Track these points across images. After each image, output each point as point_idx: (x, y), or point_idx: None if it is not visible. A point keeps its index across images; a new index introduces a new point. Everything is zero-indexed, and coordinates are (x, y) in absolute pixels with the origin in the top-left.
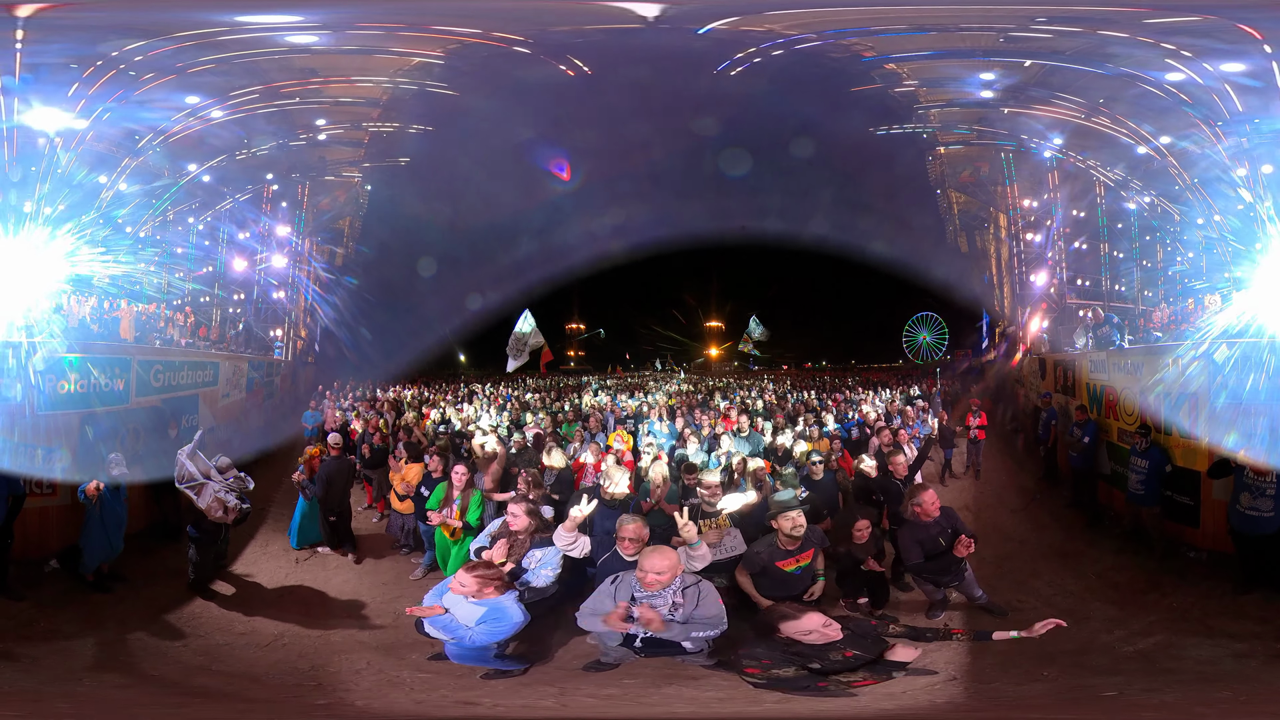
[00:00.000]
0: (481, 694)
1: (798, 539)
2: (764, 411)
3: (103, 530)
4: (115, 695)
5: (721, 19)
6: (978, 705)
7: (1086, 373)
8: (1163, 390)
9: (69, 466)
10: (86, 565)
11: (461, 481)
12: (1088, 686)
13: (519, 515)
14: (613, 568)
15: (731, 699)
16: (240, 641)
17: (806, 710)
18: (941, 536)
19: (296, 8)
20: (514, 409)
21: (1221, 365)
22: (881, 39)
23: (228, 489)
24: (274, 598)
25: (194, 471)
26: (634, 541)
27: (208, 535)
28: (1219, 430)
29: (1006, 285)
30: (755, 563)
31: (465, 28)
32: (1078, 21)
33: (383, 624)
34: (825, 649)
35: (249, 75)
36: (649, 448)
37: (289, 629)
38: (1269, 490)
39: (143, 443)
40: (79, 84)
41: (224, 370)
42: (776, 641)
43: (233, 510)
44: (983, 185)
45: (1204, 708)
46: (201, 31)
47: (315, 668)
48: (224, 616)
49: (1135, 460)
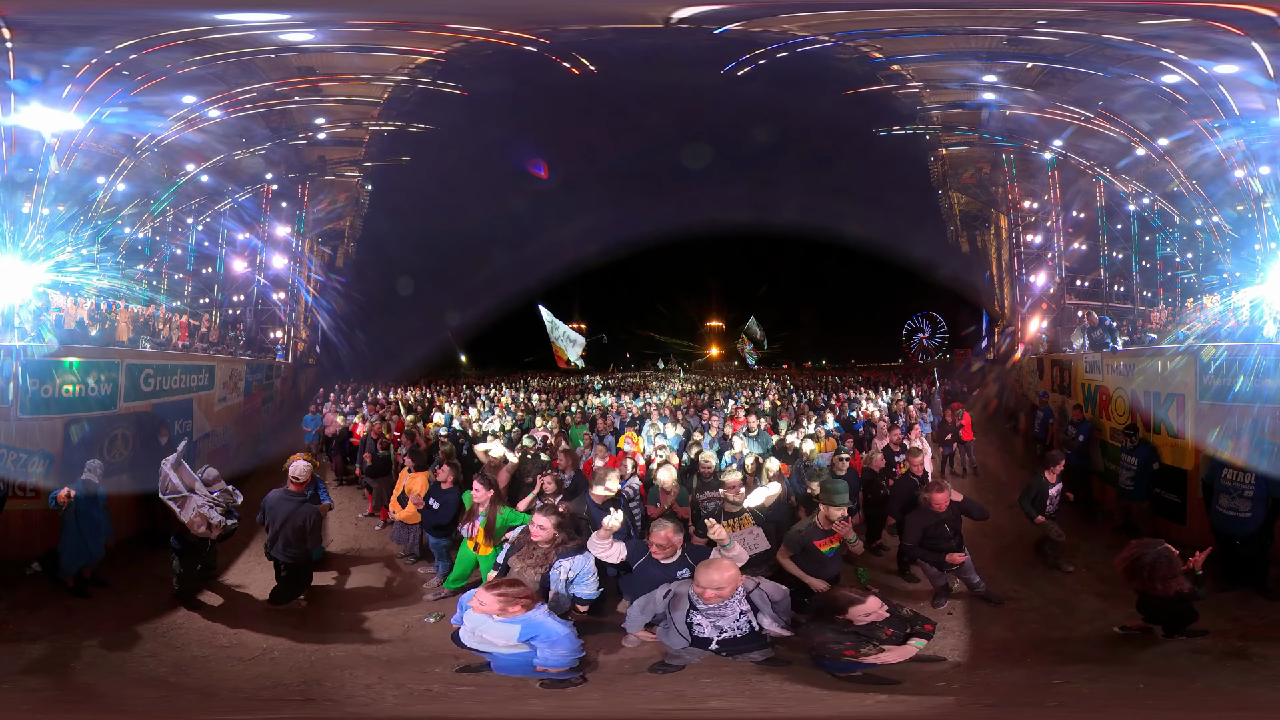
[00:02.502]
0: (529, 703)
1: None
2: (771, 412)
3: (79, 536)
4: (24, 700)
5: (731, 21)
6: (963, 688)
7: (1082, 373)
8: (1152, 390)
9: (50, 471)
10: (64, 570)
11: (484, 498)
12: (1056, 673)
13: (546, 527)
14: (647, 573)
15: (786, 695)
16: (221, 655)
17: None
18: (947, 524)
19: (295, 7)
20: (520, 411)
21: (1207, 366)
22: (889, 41)
23: (213, 503)
24: (265, 610)
25: (177, 483)
26: (663, 547)
27: (191, 548)
28: (1204, 429)
29: (1006, 285)
30: (796, 543)
31: (474, 25)
32: (1078, 24)
33: (389, 637)
34: (876, 628)
35: (247, 74)
36: (661, 450)
37: (279, 643)
38: (1247, 492)
39: (132, 449)
40: (74, 85)
41: (220, 373)
42: (843, 625)
43: (216, 527)
44: (984, 186)
45: (1123, 700)
46: (198, 29)
47: (308, 682)
48: (207, 628)
49: (1126, 458)
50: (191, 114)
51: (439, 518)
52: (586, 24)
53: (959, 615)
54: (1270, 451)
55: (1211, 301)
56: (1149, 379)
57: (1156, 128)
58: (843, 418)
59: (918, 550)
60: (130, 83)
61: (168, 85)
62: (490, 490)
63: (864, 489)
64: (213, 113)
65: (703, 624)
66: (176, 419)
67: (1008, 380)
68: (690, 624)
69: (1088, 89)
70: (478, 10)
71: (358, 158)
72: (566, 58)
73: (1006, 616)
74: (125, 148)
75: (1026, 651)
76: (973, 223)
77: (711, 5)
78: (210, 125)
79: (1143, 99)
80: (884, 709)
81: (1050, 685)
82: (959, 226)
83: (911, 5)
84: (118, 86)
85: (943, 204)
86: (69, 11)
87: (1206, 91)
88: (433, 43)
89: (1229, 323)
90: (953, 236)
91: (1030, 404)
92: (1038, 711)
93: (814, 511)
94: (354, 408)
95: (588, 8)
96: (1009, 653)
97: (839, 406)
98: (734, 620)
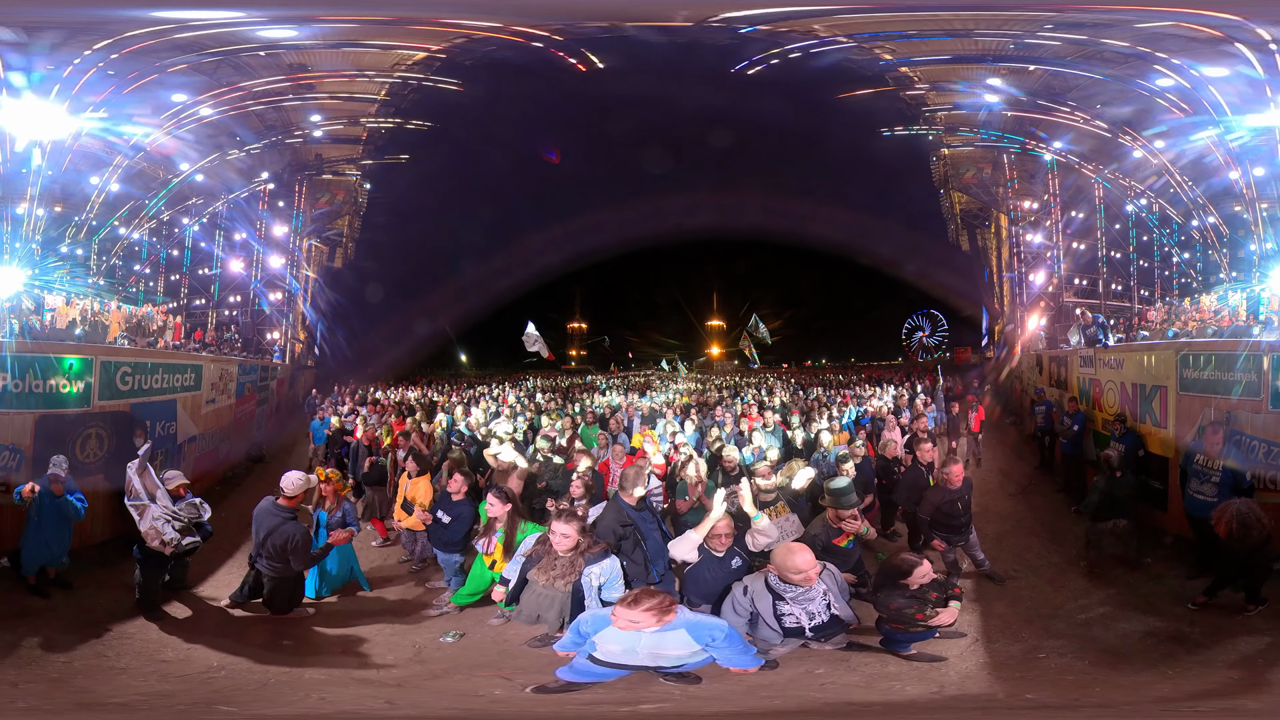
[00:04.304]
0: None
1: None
2: (782, 408)
3: (40, 534)
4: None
5: (743, 23)
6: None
7: (1077, 368)
8: (1138, 384)
9: (20, 467)
10: (25, 567)
11: (501, 513)
12: (1039, 648)
13: (570, 534)
14: (707, 569)
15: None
16: (162, 670)
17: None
18: (959, 501)
19: (294, 6)
20: (529, 412)
21: (1187, 360)
22: (900, 43)
23: (172, 517)
24: (235, 625)
25: (139, 488)
26: (728, 537)
27: (152, 558)
28: (1183, 421)
29: (1006, 284)
30: (816, 544)
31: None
32: (1080, 28)
33: (390, 662)
34: (926, 590)
35: (239, 73)
36: (683, 449)
37: (236, 661)
38: (1214, 478)
39: (107, 449)
40: (65, 85)
41: (208, 373)
42: (907, 590)
43: (169, 544)
44: (985, 186)
45: (1074, 675)
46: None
47: (244, 704)
48: (159, 640)
49: (1115, 445)
50: (199, 113)
51: (451, 534)
52: (609, 20)
53: (968, 592)
54: (1238, 440)
55: (1207, 300)
56: (1135, 373)
57: (1154, 130)
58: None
59: (927, 526)
60: (123, 82)
61: (165, 85)
62: (508, 504)
63: (879, 475)
64: (204, 111)
65: (794, 613)
66: (159, 420)
67: (1008, 376)
68: (779, 615)
69: (1087, 92)
70: (493, 5)
71: (355, 156)
72: (575, 54)
73: (1007, 594)
74: (118, 148)
75: (1024, 625)
76: (973, 222)
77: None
78: (209, 125)
79: (1141, 102)
80: (908, 689)
81: (1035, 660)
82: (959, 226)
83: (922, 10)
84: (110, 86)
85: (944, 203)
86: (63, 9)
87: (1202, 94)
88: (434, 39)
89: (1223, 320)
90: (953, 235)
91: (1030, 399)
92: (1025, 685)
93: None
94: (353, 409)
95: (612, 6)
96: (1010, 628)
97: (846, 403)
98: (820, 604)
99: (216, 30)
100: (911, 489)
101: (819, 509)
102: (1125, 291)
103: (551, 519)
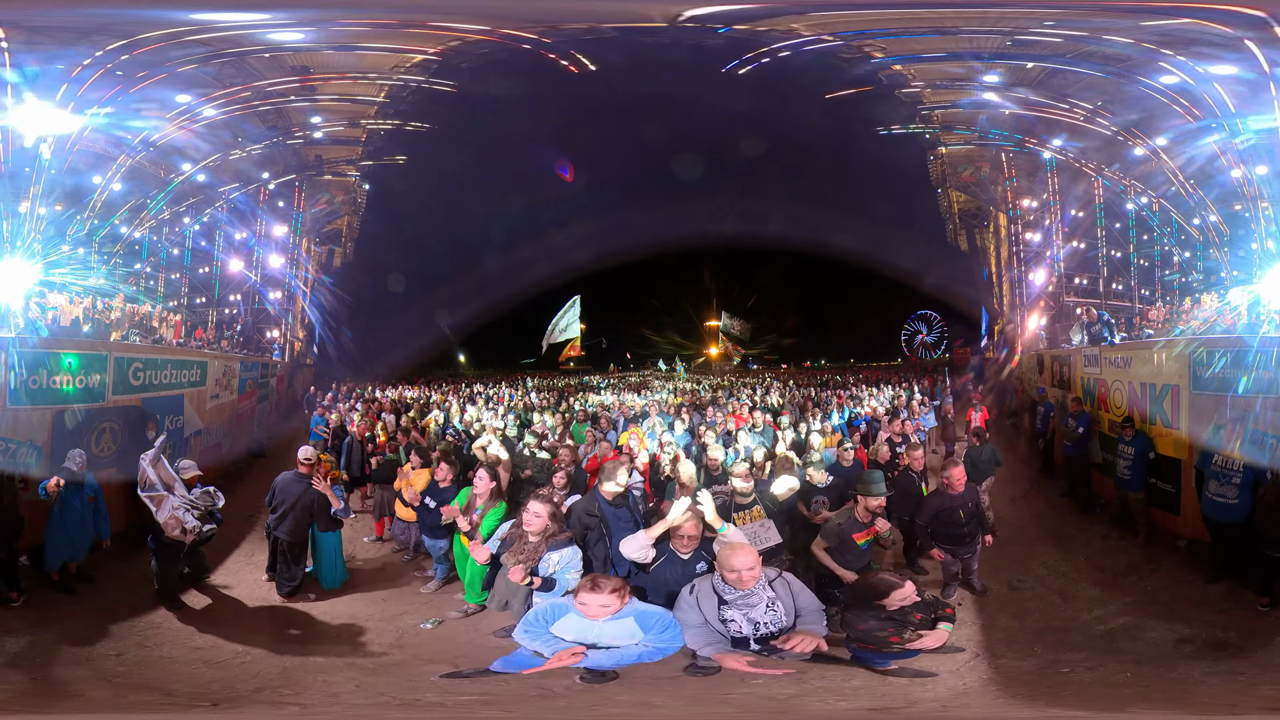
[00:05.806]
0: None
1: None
2: (775, 409)
3: (63, 528)
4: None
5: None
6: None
7: (1080, 368)
8: (1147, 383)
9: (39, 463)
10: (49, 563)
11: (485, 490)
12: (1060, 661)
13: (540, 514)
14: (667, 571)
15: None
16: (190, 656)
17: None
18: (961, 509)
19: (293, 6)
20: (520, 407)
21: (1200, 360)
22: (892, 41)
23: (190, 505)
24: (249, 614)
25: (155, 480)
26: (693, 539)
27: (167, 549)
28: (1197, 421)
29: (1006, 283)
30: (835, 535)
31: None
32: (1079, 25)
33: (381, 649)
34: (908, 612)
35: (242, 74)
36: (669, 447)
37: (253, 648)
38: (1235, 479)
39: (120, 443)
40: (70, 84)
41: (213, 370)
42: (881, 611)
43: (190, 532)
44: (983, 185)
45: (1118, 688)
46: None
47: (275, 688)
48: (182, 630)
49: (1122, 448)
50: (197, 114)
51: (437, 519)
52: (589, 22)
53: (968, 605)
54: (1259, 440)
55: (1209, 299)
56: (1145, 371)
57: (1154, 127)
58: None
59: (927, 533)
60: (127, 82)
61: (167, 85)
62: (493, 483)
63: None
64: (207, 111)
65: (736, 619)
66: (167, 414)
67: (1009, 377)
68: (723, 619)
69: (1086, 89)
70: (477, 9)
71: (355, 157)
72: (566, 56)
73: (1011, 606)
74: (122, 147)
75: (1035, 639)
76: (972, 221)
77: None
78: (209, 125)
79: (1140, 99)
80: (906, 695)
81: (1058, 674)
82: (958, 225)
83: (914, 6)
84: (114, 86)
85: (942, 202)
86: (64, 10)
87: (1203, 91)
88: (431, 41)
89: (1226, 320)
90: (952, 235)
91: (1031, 400)
92: (1051, 700)
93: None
94: (352, 407)
95: (591, 7)
96: (1017, 641)
97: (841, 404)
98: (764, 611)
99: (225, 33)
100: (904, 496)
101: (795, 517)
102: (1126, 290)
103: (528, 499)
